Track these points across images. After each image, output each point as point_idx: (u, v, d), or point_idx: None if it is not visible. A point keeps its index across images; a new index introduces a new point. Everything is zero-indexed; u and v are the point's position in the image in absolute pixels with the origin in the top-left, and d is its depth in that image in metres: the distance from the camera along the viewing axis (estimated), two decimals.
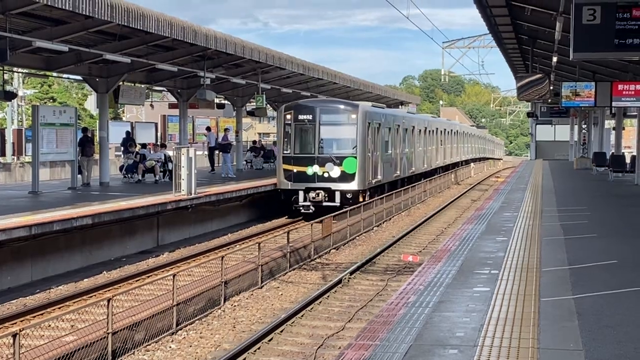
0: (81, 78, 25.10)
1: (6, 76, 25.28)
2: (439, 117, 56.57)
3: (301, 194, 25.04)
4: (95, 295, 13.70)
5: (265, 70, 28.99)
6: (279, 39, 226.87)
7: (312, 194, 24.82)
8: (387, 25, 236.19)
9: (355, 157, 25.14)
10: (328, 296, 14.15)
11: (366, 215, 23.39)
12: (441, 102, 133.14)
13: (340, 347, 10.30)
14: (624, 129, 42.84)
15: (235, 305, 13.46)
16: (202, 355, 10.69)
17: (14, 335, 8.34)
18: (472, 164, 57.44)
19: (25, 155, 31.68)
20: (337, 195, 24.88)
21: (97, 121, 28.27)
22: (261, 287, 14.97)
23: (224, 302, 13.41)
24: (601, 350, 6.71)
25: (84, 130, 25.13)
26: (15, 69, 28.52)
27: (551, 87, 26.37)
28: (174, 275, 11.91)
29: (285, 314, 12.36)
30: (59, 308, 12.80)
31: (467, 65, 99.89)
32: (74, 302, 13.19)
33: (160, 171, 25.96)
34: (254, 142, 43.69)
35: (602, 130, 42.45)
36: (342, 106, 26.09)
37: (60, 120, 20.78)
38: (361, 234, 22.42)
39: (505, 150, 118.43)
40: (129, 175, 26.02)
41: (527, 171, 39.50)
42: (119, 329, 10.40)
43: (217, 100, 31.87)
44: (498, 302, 8.67)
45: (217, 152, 32.60)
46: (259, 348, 10.80)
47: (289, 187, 25.19)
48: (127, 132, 29.88)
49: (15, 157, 33.89)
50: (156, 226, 20.10)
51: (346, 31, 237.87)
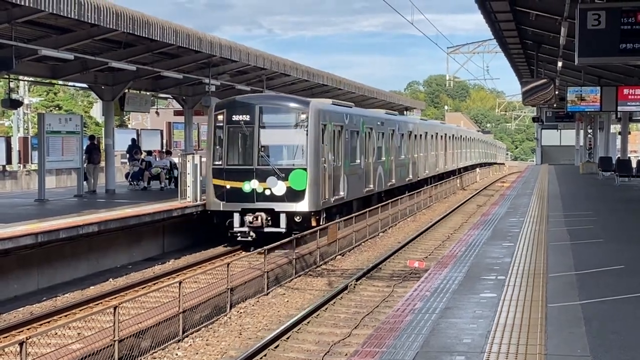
0: (87, 86, 25.19)
1: (12, 84, 25.32)
2: (443, 122, 55.67)
3: (236, 216, 19.56)
4: (101, 303, 13.72)
5: (270, 77, 29.01)
6: (283, 46, 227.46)
7: (249, 217, 19.35)
8: (391, 31, 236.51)
9: (306, 170, 19.62)
10: (334, 302, 14.13)
11: (372, 221, 23.33)
12: (446, 107, 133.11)
13: (346, 354, 10.27)
14: (629, 133, 42.81)
15: (241, 312, 13.46)
16: None
17: (21, 344, 8.36)
18: (477, 169, 57.38)
19: (32, 163, 31.81)
20: (283, 219, 19.44)
21: (103, 129, 28.35)
22: (267, 294, 14.97)
23: (230, 308, 13.42)
24: (608, 356, 6.69)
25: (91, 137, 25.25)
26: (21, 77, 28.68)
27: (556, 92, 26.37)
28: (180, 283, 11.92)
29: (292, 321, 12.35)
30: (66, 316, 12.83)
31: (472, 71, 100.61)
32: (80, 310, 13.23)
33: (166, 178, 26.02)
34: None
35: (608, 135, 42.31)
36: (288, 103, 20.63)
37: (66, 128, 20.89)
38: (367, 239, 22.39)
39: (510, 155, 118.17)
40: (135, 182, 26.09)
41: (532, 176, 39.44)
42: (126, 337, 10.39)
43: None
44: (505, 308, 8.66)
45: None
46: (265, 355, 10.79)
47: (221, 209, 19.77)
48: (133, 140, 29.95)
49: (22, 165, 34.00)
50: (162, 233, 20.12)
51: (350, 37, 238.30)
